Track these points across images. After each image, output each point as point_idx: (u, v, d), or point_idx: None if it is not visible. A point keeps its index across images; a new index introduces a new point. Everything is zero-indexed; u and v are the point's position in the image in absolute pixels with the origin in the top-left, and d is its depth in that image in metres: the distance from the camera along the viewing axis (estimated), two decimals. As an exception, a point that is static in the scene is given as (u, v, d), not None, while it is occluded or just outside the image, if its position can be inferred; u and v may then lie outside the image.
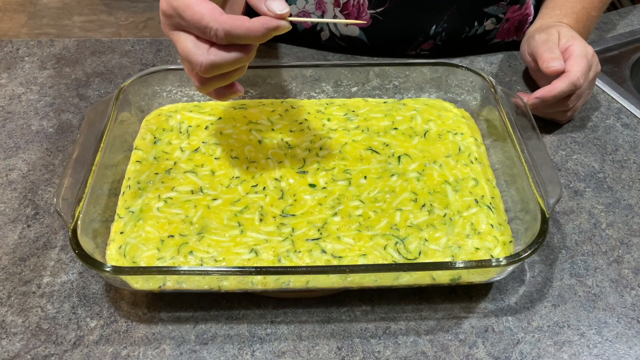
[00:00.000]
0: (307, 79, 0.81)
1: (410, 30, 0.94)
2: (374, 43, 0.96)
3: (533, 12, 0.97)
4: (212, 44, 0.57)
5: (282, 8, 0.56)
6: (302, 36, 0.99)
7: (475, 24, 0.94)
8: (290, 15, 0.57)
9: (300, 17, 0.95)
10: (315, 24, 0.96)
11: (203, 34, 0.56)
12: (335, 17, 0.93)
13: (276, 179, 0.69)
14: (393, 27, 0.94)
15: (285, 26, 0.56)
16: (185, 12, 0.56)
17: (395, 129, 0.75)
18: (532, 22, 0.96)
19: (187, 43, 0.57)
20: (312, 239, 0.62)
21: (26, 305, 0.63)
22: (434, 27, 0.93)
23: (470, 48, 0.97)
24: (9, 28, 2.63)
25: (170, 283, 0.59)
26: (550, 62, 0.78)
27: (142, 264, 0.60)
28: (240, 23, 0.55)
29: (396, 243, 0.62)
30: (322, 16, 0.95)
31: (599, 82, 0.92)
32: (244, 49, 0.57)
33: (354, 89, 0.82)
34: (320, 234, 0.63)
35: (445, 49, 0.97)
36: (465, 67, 0.79)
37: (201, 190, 0.67)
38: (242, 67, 0.60)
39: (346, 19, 0.93)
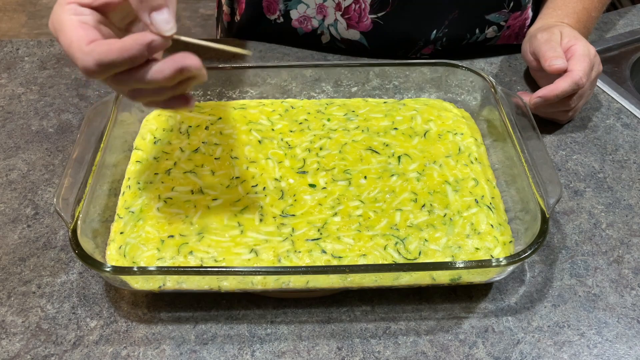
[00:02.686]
0: (307, 79, 0.81)
1: (411, 35, 0.94)
2: (374, 47, 0.96)
3: (531, 14, 0.97)
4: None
5: (166, 26, 0.48)
6: (303, 40, 0.99)
7: (477, 31, 0.94)
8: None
9: (301, 20, 0.96)
10: (315, 28, 0.96)
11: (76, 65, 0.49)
12: (336, 20, 0.94)
13: (276, 179, 0.69)
14: (394, 31, 0.94)
15: (164, 44, 0.49)
16: (59, 39, 0.50)
17: (395, 129, 0.75)
18: (530, 24, 0.96)
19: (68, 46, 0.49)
20: (312, 239, 0.62)
21: (26, 305, 0.63)
22: (434, 31, 0.93)
23: (471, 53, 0.97)
24: (9, 28, 2.64)
25: (170, 283, 0.59)
26: (553, 60, 0.78)
27: (142, 264, 0.60)
28: (108, 47, 0.47)
29: (396, 243, 0.62)
30: (322, 20, 0.95)
31: (599, 82, 0.92)
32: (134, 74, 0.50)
33: (354, 89, 0.82)
34: (320, 234, 0.63)
35: (445, 54, 0.97)
36: (465, 67, 0.79)
37: (201, 190, 0.67)
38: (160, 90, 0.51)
39: (347, 22, 0.93)
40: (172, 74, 0.49)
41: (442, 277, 0.60)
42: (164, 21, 0.48)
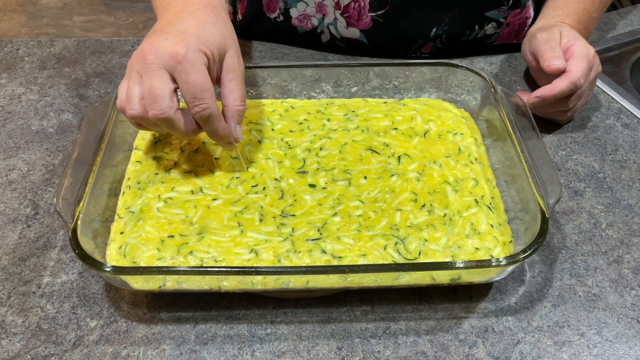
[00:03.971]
0: (307, 79, 0.81)
1: (410, 33, 0.94)
2: (374, 45, 0.96)
3: (532, 14, 0.97)
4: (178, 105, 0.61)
5: (241, 138, 0.67)
6: (303, 38, 0.99)
7: (476, 27, 0.94)
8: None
9: (300, 19, 0.96)
10: (315, 27, 0.96)
11: (191, 98, 0.60)
12: (336, 19, 0.94)
13: (276, 179, 0.69)
14: (393, 29, 0.94)
15: (230, 147, 0.67)
16: (193, 75, 0.59)
17: (395, 129, 0.75)
18: (532, 24, 0.96)
19: (166, 87, 0.60)
20: (312, 239, 0.62)
21: (26, 305, 0.63)
22: (434, 29, 0.93)
23: (471, 51, 0.97)
24: (9, 28, 2.64)
25: (170, 283, 0.59)
26: (551, 60, 0.78)
27: (142, 264, 0.60)
28: (222, 118, 0.64)
29: (396, 243, 0.62)
30: (322, 19, 0.95)
31: (599, 82, 0.92)
32: (197, 130, 0.64)
33: (354, 89, 0.82)
34: (320, 234, 0.63)
35: (445, 52, 0.97)
36: (465, 67, 0.79)
37: (201, 190, 0.67)
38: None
39: (347, 21, 0.94)
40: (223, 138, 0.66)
41: (442, 277, 0.60)
42: (241, 133, 0.67)
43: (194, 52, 0.60)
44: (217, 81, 0.65)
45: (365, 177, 0.69)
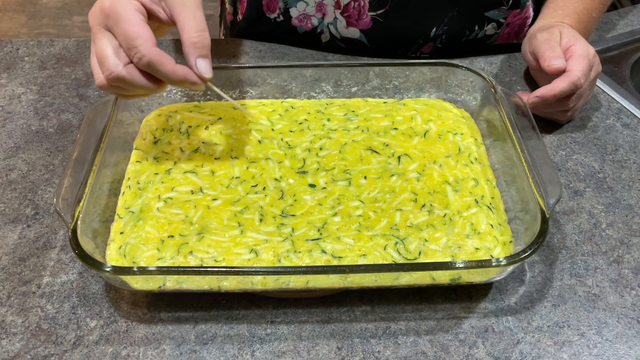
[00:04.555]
0: (307, 79, 0.81)
1: (410, 33, 0.94)
2: (374, 45, 0.96)
3: (532, 14, 0.97)
4: (130, 60, 0.58)
5: (207, 72, 0.60)
6: (303, 38, 0.99)
7: (476, 27, 0.94)
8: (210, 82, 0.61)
9: (300, 19, 0.96)
10: (315, 27, 0.96)
11: (127, 50, 0.58)
12: (336, 19, 0.94)
13: (276, 179, 0.69)
14: (393, 29, 0.94)
15: (200, 87, 0.61)
16: (122, 24, 0.57)
17: (395, 129, 0.75)
18: (531, 24, 0.96)
19: (107, 47, 0.58)
20: (312, 239, 0.62)
21: (26, 305, 0.63)
22: (434, 29, 0.93)
23: (471, 51, 0.97)
24: (9, 28, 2.64)
25: (170, 283, 0.59)
26: (551, 60, 0.78)
27: (142, 264, 0.60)
28: (166, 61, 0.58)
29: (396, 243, 0.62)
30: (322, 18, 0.95)
31: (599, 82, 0.92)
32: (156, 81, 0.60)
33: (354, 89, 0.82)
34: (320, 234, 0.63)
35: (445, 52, 0.97)
36: (465, 67, 0.79)
37: (201, 191, 0.67)
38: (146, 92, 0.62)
39: (347, 21, 0.94)
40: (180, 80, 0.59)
41: (442, 277, 0.60)
42: (207, 68, 0.60)
43: (120, 1, 0.57)
44: (172, 22, 0.62)
45: (365, 177, 0.69)
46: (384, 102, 0.80)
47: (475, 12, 0.93)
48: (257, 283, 0.59)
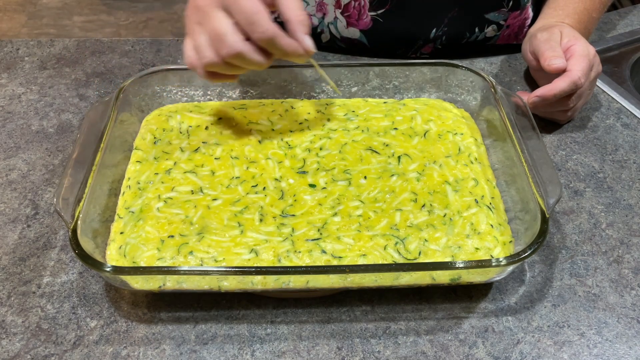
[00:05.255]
0: (307, 79, 0.81)
1: (410, 33, 0.94)
2: (374, 45, 0.96)
3: (532, 14, 0.97)
4: (247, 38, 0.61)
5: (313, 47, 0.64)
6: None
7: (476, 30, 0.94)
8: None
9: None
10: (315, 27, 0.96)
11: (248, 26, 0.60)
12: (336, 18, 0.94)
13: (276, 179, 0.69)
14: (394, 29, 0.94)
15: (303, 59, 0.65)
16: (241, 1, 0.60)
17: (395, 129, 0.75)
18: (531, 24, 0.96)
19: (225, 24, 0.61)
20: (312, 239, 0.62)
21: (26, 305, 0.63)
22: (434, 30, 0.93)
23: (471, 52, 0.97)
24: (9, 28, 2.64)
25: (170, 283, 0.59)
26: (552, 59, 0.78)
27: (142, 264, 0.60)
28: (283, 35, 0.61)
29: (396, 243, 0.62)
30: (322, 18, 0.95)
31: (599, 82, 0.92)
32: (269, 57, 0.63)
33: (354, 89, 0.82)
34: (320, 234, 0.63)
35: (445, 53, 0.97)
36: (465, 67, 0.79)
37: (201, 191, 0.67)
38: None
39: (347, 20, 0.94)
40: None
41: (442, 277, 0.60)
42: (311, 42, 0.64)
43: None
44: (270, 5, 0.65)
45: (365, 177, 0.69)
46: (384, 102, 0.80)
47: (476, 13, 0.93)
48: (257, 283, 0.59)
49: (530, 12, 0.97)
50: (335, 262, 0.60)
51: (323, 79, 0.71)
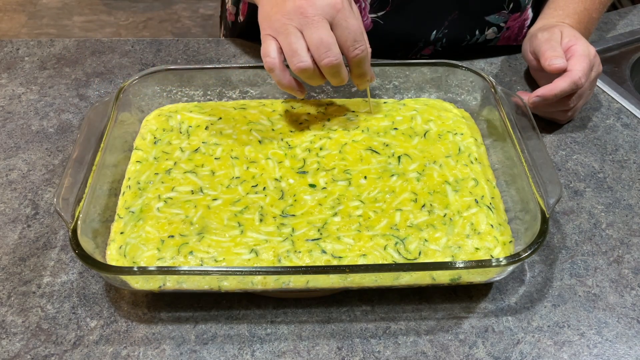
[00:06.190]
0: (307, 79, 0.81)
1: (411, 35, 0.94)
2: (374, 47, 0.96)
3: (531, 15, 0.97)
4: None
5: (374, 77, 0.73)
6: None
7: (477, 32, 0.94)
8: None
9: None
10: None
11: (350, 42, 0.65)
12: None
13: (276, 179, 0.69)
14: (394, 31, 0.94)
15: (364, 88, 0.74)
16: (351, 19, 0.64)
17: (395, 129, 0.75)
18: (530, 24, 0.96)
19: (332, 37, 0.64)
20: (312, 239, 0.62)
21: (26, 305, 0.63)
22: (434, 32, 0.93)
23: (471, 54, 0.97)
24: (9, 28, 2.64)
25: (170, 283, 0.59)
26: (552, 59, 0.78)
27: (142, 264, 0.60)
28: (370, 60, 0.70)
29: (396, 243, 0.62)
30: None
31: (599, 82, 0.92)
32: (323, 79, 0.69)
33: (354, 89, 0.82)
34: (320, 234, 0.63)
35: (445, 56, 0.97)
36: (465, 67, 0.79)
37: (201, 191, 0.67)
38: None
39: None
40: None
41: (442, 277, 0.60)
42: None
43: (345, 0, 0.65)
44: None
45: (365, 177, 0.69)
46: (384, 102, 0.80)
47: (476, 15, 0.93)
48: (257, 283, 0.59)
49: (529, 13, 0.97)
50: (335, 262, 0.60)
51: (367, 101, 0.77)
